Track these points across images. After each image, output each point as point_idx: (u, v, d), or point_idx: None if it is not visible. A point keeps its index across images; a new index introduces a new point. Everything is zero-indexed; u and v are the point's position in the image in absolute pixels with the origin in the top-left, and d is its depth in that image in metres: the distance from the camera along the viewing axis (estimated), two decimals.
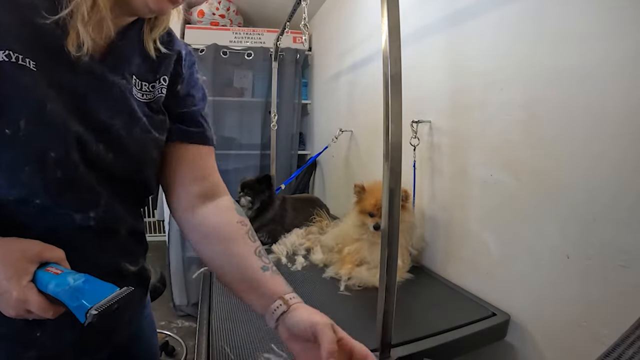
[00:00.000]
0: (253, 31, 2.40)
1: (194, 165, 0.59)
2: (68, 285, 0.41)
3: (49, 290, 0.41)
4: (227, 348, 0.67)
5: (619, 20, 0.62)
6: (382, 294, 0.63)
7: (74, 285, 0.41)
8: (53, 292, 0.41)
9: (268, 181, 1.39)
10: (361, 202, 1.04)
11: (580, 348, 0.69)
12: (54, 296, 0.41)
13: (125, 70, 0.50)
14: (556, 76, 0.73)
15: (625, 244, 0.62)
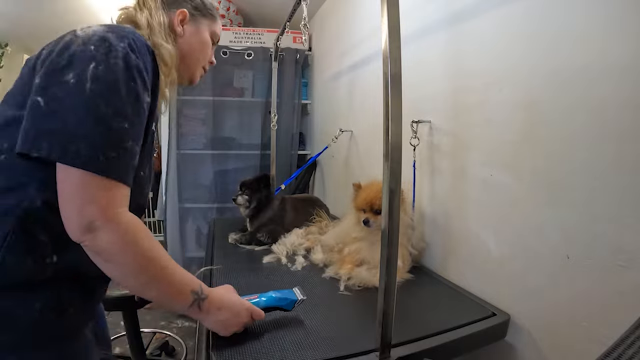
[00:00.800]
0: (253, 31, 2.40)
1: None
2: (273, 297, 0.75)
3: (260, 305, 0.72)
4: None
5: (619, 20, 0.62)
6: (382, 294, 0.63)
7: (278, 296, 0.75)
8: (265, 304, 0.73)
9: (266, 180, 1.40)
10: (356, 200, 1.06)
11: (580, 348, 0.69)
12: (267, 306, 0.73)
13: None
14: (556, 76, 0.73)
15: (625, 244, 0.62)
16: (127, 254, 0.54)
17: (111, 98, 0.53)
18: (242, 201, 1.37)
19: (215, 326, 0.66)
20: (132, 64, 0.55)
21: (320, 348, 0.67)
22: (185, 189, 2.32)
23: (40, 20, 2.67)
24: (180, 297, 0.61)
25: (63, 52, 0.55)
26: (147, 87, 0.59)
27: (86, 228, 0.51)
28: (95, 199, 0.51)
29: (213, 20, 0.83)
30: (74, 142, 0.50)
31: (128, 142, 0.54)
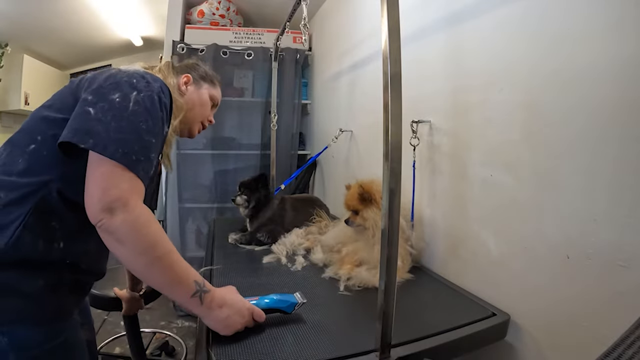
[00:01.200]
0: (253, 31, 2.40)
1: None
2: (274, 300, 0.75)
3: (261, 306, 0.73)
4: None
5: (619, 20, 0.62)
6: (382, 294, 0.63)
7: (278, 299, 0.76)
8: (266, 306, 0.73)
9: (264, 180, 1.40)
10: (344, 202, 1.11)
11: (580, 348, 0.69)
12: (267, 307, 0.74)
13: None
14: (556, 76, 0.73)
15: (625, 244, 0.62)
16: (137, 234, 0.60)
17: (146, 119, 0.66)
18: (241, 201, 1.37)
19: (216, 324, 0.67)
20: (162, 100, 0.70)
21: (320, 348, 0.67)
22: (185, 189, 2.32)
23: (40, 20, 2.67)
24: (183, 285, 0.64)
25: (110, 78, 0.68)
26: (168, 120, 0.74)
27: (106, 207, 0.58)
28: (120, 185, 0.60)
29: (213, 86, 1.02)
30: (114, 142, 0.61)
31: (152, 153, 0.67)
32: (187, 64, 1.01)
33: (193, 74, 0.97)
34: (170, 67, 0.93)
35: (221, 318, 0.67)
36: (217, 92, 1.04)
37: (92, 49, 3.46)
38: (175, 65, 0.98)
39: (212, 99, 1.01)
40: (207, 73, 1.01)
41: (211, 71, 1.03)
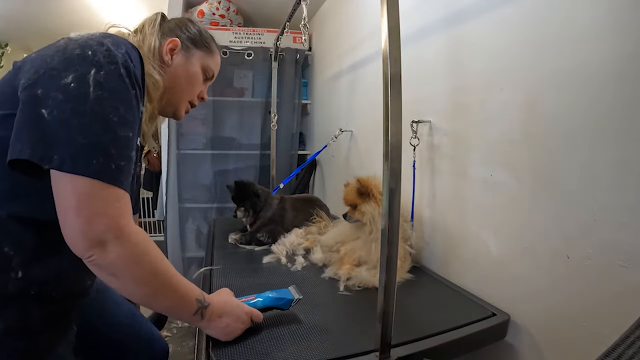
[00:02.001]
0: (253, 31, 2.40)
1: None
2: (270, 298, 0.75)
3: (258, 306, 0.72)
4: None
5: (619, 20, 0.62)
6: (382, 294, 0.63)
7: (274, 297, 0.75)
8: (263, 305, 0.73)
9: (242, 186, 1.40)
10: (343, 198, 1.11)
11: (581, 348, 0.69)
12: (264, 306, 0.73)
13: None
14: (556, 76, 0.73)
15: (625, 244, 0.62)
16: (136, 267, 0.52)
17: (116, 106, 0.51)
18: (241, 215, 1.39)
19: (216, 333, 0.67)
20: (131, 72, 0.54)
21: (320, 348, 0.67)
22: (185, 189, 2.32)
23: (40, 20, 2.67)
24: (185, 306, 0.61)
25: (58, 54, 0.52)
26: (142, 95, 0.59)
27: (95, 242, 0.48)
28: (106, 210, 0.48)
29: (208, 54, 0.79)
30: (84, 151, 0.48)
31: (132, 150, 0.54)
32: (176, 22, 0.80)
33: (182, 36, 0.76)
34: (157, 25, 0.74)
35: (221, 327, 0.66)
36: (214, 60, 0.82)
37: None
38: (163, 23, 0.77)
39: (205, 70, 0.80)
40: (200, 34, 0.79)
41: (207, 32, 0.82)
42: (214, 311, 0.65)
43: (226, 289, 0.76)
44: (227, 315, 0.66)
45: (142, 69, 0.59)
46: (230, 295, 0.73)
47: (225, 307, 0.67)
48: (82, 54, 0.51)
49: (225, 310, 0.67)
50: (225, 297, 0.72)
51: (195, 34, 0.78)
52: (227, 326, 0.66)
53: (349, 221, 1.07)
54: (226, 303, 0.68)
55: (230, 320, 0.67)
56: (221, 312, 0.66)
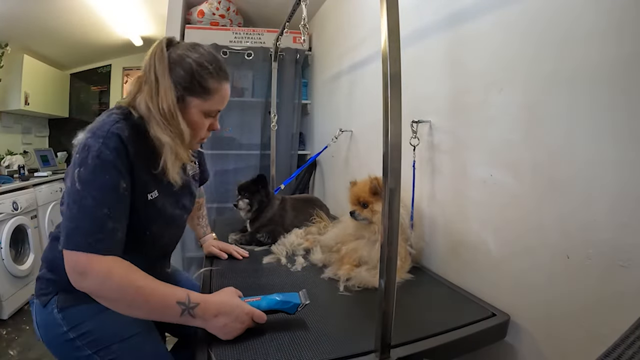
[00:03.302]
0: (253, 31, 2.40)
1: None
2: (276, 300, 0.74)
3: (262, 307, 0.73)
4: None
5: (619, 21, 0.62)
6: (382, 294, 0.63)
7: (281, 300, 0.75)
8: (267, 307, 0.73)
9: (263, 181, 1.38)
10: (349, 196, 1.09)
11: (580, 348, 0.69)
12: (269, 308, 0.73)
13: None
14: (556, 76, 0.73)
15: (625, 244, 0.62)
16: (104, 294, 0.68)
17: (92, 192, 0.68)
18: (243, 206, 1.36)
19: (215, 331, 0.69)
20: (105, 159, 0.69)
21: (320, 348, 0.67)
22: None
23: (40, 20, 2.67)
24: (167, 310, 0.68)
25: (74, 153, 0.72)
26: (122, 174, 0.71)
27: (78, 284, 0.68)
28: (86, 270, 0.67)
29: (205, 99, 0.81)
30: (71, 235, 0.67)
31: (109, 224, 0.69)
32: (176, 70, 0.78)
33: (179, 88, 0.77)
34: (165, 70, 0.76)
35: (218, 326, 0.69)
36: (214, 99, 0.83)
37: (92, 49, 3.46)
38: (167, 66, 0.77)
39: (207, 113, 0.84)
40: (195, 79, 0.78)
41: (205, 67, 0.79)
42: (208, 310, 0.69)
43: (231, 288, 0.77)
44: (225, 315, 0.69)
45: (124, 144, 0.72)
46: (232, 295, 0.75)
47: (223, 307, 0.70)
48: (74, 158, 0.71)
49: (221, 309, 0.70)
50: (225, 296, 0.74)
51: (186, 79, 0.78)
52: (225, 325, 0.69)
53: (357, 219, 1.04)
54: (224, 303, 0.71)
55: (228, 320, 0.69)
56: (217, 311, 0.69)
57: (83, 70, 3.86)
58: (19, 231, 2.32)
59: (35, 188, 2.62)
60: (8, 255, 2.17)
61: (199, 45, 0.84)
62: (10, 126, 3.16)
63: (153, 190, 0.80)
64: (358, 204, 1.05)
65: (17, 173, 2.80)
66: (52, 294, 0.83)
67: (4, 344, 1.94)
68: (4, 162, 2.86)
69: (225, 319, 0.69)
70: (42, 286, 0.84)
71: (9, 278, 2.19)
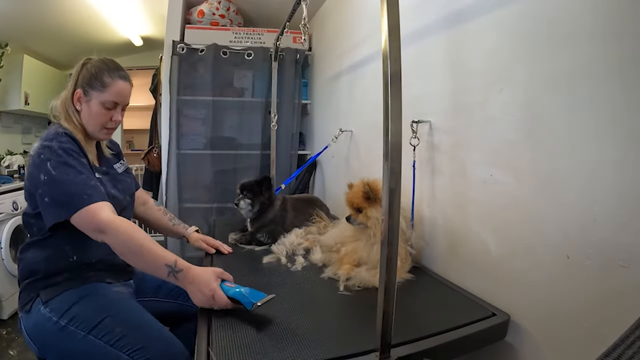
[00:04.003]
0: (253, 31, 2.40)
1: (139, 198, 1.27)
2: (241, 292, 0.81)
3: (229, 294, 0.81)
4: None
5: (618, 21, 0.62)
6: (382, 294, 0.63)
7: (244, 292, 0.80)
8: (232, 294, 0.81)
9: (268, 182, 1.35)
10: (345, 199, 1.09)
11: (581, 348, 0.69)
12: (233, 297, 0.80)
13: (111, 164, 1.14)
14: (556, 76, 0.73)
15: (625, 244, 0.62)
16: (114, 241, 0.85)
17: (66, 170, 0.88)
18: (244, 206, 1.33)
19: (190, 295, 0.84)
20: (65, 147, 0.91)
21: (320, 348, 0.67)
22: (185, 189, 2.32)
23: (40, 20, 2.67)
24: (158, 269, 0.85)
25: (33, 168, 0.90)
26: (80, 155, 0.94)
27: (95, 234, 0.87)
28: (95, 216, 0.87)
29: (102, 91, 1.00)
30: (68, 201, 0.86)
31: (91, 182, 0.90)
32: (83, 74, 1.00)
33: (84, 85, 0.99)
34: (74, 79, 1.01)
35: (190, 291, 0.84)
36: (110, 91, 1.00)
37: (92, 49, 3.41)
38: (79, 77, 1.00)
39: (104, 104, 1.00)
40: (94, 76, 0.99)
41: (103, 68, 1.00)
42: (187, 277, 0.84)
43: (215, 269, 0.88)
44: (195, 284, 0.83)
45: (71, 137, 0.95)
46: (210, 273, 0.86)
47: (196, 278, 0.84)
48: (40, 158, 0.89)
49: (194, 278, 0.84)
50: (203, 271, 0.86)
51: (90, 78, 1.00)
52: (192, 292, 0.83)
53: (352, 224, 1.06)
54: (198, 275, 0.85)
55: (195, 288, 0.83)
56: (191, 279, 0.84)
57: None
58: (19, 231, 2.32)
59: None
60: (8, 255, 2.16)
61: (106, 57, 1.05)
62: (10, 126, 3.16)
63: (97, 172, 1.01)
64: (353, 209, 1.06)
65: (17, 173, 2.80)
66: (33, 298, 0.93)
67: (4, 344, 1.94)
68: (4, 162, 2.86)
69: (194, 287, 0.83)
70: (23, 297, 0.95)
71: (9, 278, 2.19)
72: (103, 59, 1.04)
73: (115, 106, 1.02)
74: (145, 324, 0.93)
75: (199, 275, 0.84)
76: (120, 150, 1.22)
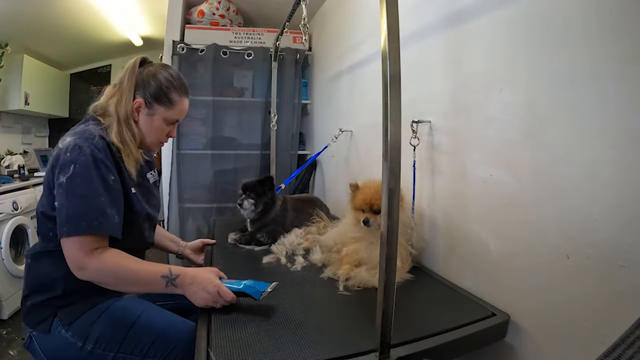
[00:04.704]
0: (253, 31, 2.40)
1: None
2: (244, 284, 0.82)
3: (234, 289, 0.81)
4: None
5: (619, 20, 0.62)
6: (382, 294, 0.63)
7: (250, 284, 0.82)
8: (237, 288, 0.81)
9: (270, 182, 1.35)
10: (354, 200, 1.06)
11: (581, 348, 0.69)
12: (237, 290, 0.81)
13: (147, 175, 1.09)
14: (556, 76, 0.73)
15: (625, 244, 0.62)
16: (102, 278, 0.83)
17: (88, 184, 0.81)
18: (248, 206, 1.31)
19: (191, 298, 0.82)
20: (97, 158, 0.83)
21: (320, 348, 0.67)
22: (185, 189, 2.32)
23: (40, 20, 2.67)
24: (154, 283, 0.83)
25: (56, 162, 0.83)
26: (110, 170, 0.86)
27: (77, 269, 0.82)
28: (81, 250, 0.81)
29: (168, 107, 0.97)
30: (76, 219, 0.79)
31: (107, 209, 0.82)
32: (145, 80, 0.95)
33: (147, 95, 0.94)
34: (133, 80, 0.94)
35: (190, 292, 0.82)
36: (175, 110, 0.98)
37: (92, 49, 3.45)
38: (138, 80, 0.95)
39: (167, 121, 0.98)
40: (161, 89, 0.95)
41: (173, 83, 0.96)
42: (185, 280, 0.83)
43: (212, 268, 0.89)
44: (196, 284, 0.82)
45: (109, 147, 0.88)
46: (208, 271, 0.86)
47: (196, 278, 0.83)
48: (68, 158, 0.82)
49: (195, 279, 0.83)
50: (201, 271, 0.86)
51: (156, 91, 0.95)
52: (195, 292, 0.82)
53: (371, 226, 1.00)
54: (198, 275, 0.84)
55: (198, 288, 0.82)
56: (191, 280, 0.83)
57: (83, 70, 3.85)
58: (19, 231, 2.32)
59: (35, 188, 2.61)
60: (8, 256, 2.16)
61: (169, 67, 1.02)
62: (10, 126, 3.16)
63: (133, 186, 0.95)
64: (370, 210, 1.00)
65: (17, 173, 2.80)
66: (51, 316, 0.87)
67: (4, 344, 1.94)
68: (4, 162, 2.86)
69: (196, 287, 0.82)
70: (36, 314, 0.88)
71: (9, 278, 2.18)
72: (167, 68, 0.99)
73: (175, 123, 1.02)
74: (170, 324, 0.91)
75: (199, 275, 0.84)
76: (153, 160, 1.16)
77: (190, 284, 0.82)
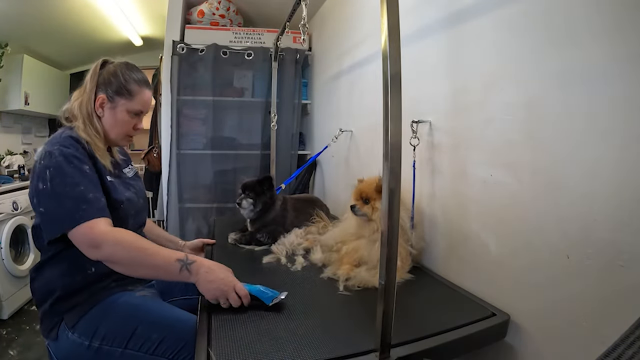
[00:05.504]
0: (253, 31, 2.40)
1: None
2: (259, 288, 0.82)
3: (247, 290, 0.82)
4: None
5: (619, 20, 0.62)
6: (382, 294, 0.63)
7: (262, 289, 0.82)
8: (249, 291, 0.81)
9: (269, 182, 1.35)
10: (353, 192, 1.09)
11: (581, 348, 0.69)
12: (250, 292, 0.81)
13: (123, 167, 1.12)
14: (556, 76, 0.73)
15: (625, 244, 0.62)
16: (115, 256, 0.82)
17: (64, 181, 0.83)
18: (247, 205, 1.32)
19: (204, 286, 0.81)
20: (67, 154, 0.86)
21: (320, 348, 0.67)
22: (185, 189, 2.32)
23: (40, 20, 2.67)
24: (169, 267, 0.82)
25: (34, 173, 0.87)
26: (82, 161, 0.89)
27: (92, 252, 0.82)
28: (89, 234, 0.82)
29: (130, 99, 1.00)
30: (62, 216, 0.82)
31: (89, 195, 0.85)
32: (105, 77, 0.98)
33: (108, 90, 0.98)
34: (94, 81, 0.98)
35: (204, 282, 0.81)
36: (137, 101, 1.01)
37: (92, 49, 3.45)
38: (99, 77, 0.99)
39: (130, 112, 1.00)
40: (122, 84, 0.98)
41: (131, 76, 1.00)
42: (203, 266, 0.82)
43: (228, 268, 0.87)
44: (215, 273, 0.82)
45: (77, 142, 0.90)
46: (225, 269, 0.86)
47: (213, 267, 0.83)
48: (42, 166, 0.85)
49: (212, 268, 0.83)
50: (220, 265, 0.86)
51: (118, 85, 0.98)
52: (212, 281, 0.81)
53: (356, 213, 1.05)
54: (217, 265, 0.85)
55: (216, 277, 0.81)
56: (208, 268, 0.83)
57: (83, 70, 3.80)
58: (19, 231, 2.32)
59: None
60: (8, 256, 2.16)
61: (128, 63, 1.04)
62: (10, 126, 3.16)
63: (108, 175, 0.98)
64: (360, 199, 1.05)
65: (17, 173, 2.80)
66: (57, 323, 0.89)
67: (4, 344, 1.94)
68: (4, 162, 2.86)
69: (214, 276, 0.81)
70: (46, 322, 0.91)
71: (9, 278, 2.19)
72: (125, 63, 1.02)
73: (140, 114, 1.03)
74: (180, 321, 0.90)
75: (217, 267, 0.84)
76: (129, 156, 1.22)
77: (207, 273, 0.82)
